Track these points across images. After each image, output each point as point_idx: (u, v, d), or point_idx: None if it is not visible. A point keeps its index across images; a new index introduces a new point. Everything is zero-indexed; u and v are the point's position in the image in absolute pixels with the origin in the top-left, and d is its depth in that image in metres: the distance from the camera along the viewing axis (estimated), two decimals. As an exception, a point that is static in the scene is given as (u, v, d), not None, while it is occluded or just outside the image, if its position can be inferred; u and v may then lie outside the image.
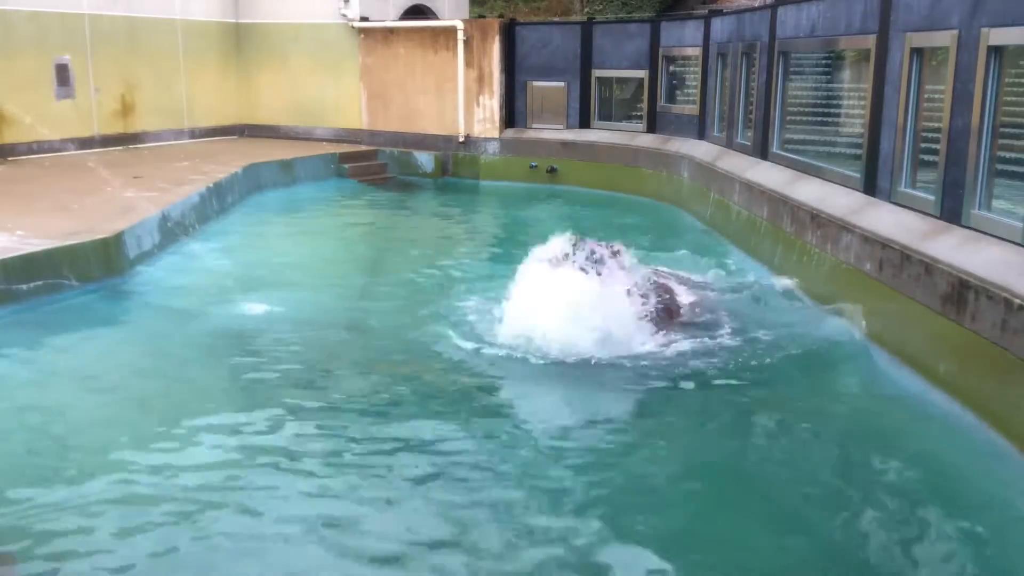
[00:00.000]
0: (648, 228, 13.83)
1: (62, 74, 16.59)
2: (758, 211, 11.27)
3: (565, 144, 17.71)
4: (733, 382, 7.09)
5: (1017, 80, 7.05)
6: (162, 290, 9.61)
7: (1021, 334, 5.81)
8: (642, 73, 16.99)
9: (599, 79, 17.69)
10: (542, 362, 7.24)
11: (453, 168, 18.72)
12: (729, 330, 8.11)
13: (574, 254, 7.72)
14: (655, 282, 8.39)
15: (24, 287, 8.65)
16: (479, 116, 18.38)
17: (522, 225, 14.78)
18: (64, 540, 4.85)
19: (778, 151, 11.84)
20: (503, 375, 7.27)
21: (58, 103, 16.58)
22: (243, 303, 9.15)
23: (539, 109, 18.25)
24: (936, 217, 7.69)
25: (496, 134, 18.33)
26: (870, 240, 8.09)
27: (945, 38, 7.60)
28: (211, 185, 13.41)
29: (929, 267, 7.01)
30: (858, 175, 9.33)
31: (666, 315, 8.08)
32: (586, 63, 17.65)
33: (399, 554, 4.74)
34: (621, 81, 17.64)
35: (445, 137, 18.77)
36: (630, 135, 17.13)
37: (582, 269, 7.62)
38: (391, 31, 19.13)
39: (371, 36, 19.31)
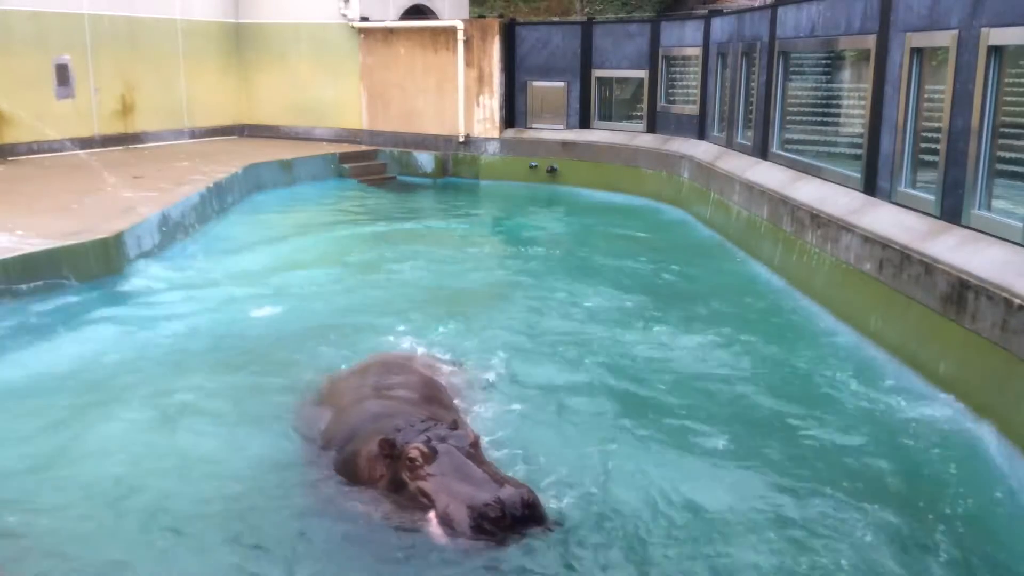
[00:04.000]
0: (646, 230, 13.82)
1: (62, 74, 16.59)
2: (758, 211, 11.27)
3: (565, 144, 17.71)
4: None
5: (1017, 80, 7.05)
6: (162, 290, 9.60)
7: (1021, 334, 5.81)
8: (642, 73, 16.99)
9: (599, 79, 17.69)
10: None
11: (453, 168, 18.72)
12: None
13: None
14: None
15: (24, 287, 8.64)
16: (479, 116, 18.38)
17: (521, 230, 14.77)
18: (60, 545, 4.85)
19: (778, 151, 11.84)
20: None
21: (58, 103, 16.58)
22: (243, 304, 9.15)
23: (539, 109, 18.25)
24: (936, 217, 7.69)
25: (496, 134, 18.33)
26: (870, 240, 8.09)
27: (945, 38, 7.60)
28: (211, 185, 13.40)
29: (929, 267, 7.01)
30: (858, 175, 9.33)
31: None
32: (586, 63, 17.65)
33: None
34: (621, 81, 17.64)
35: (445, 137, 18.77)
36: (630, 135, 17.12)
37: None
38: (391, 31, 19.13)
39: (371, 36, 19.31)
